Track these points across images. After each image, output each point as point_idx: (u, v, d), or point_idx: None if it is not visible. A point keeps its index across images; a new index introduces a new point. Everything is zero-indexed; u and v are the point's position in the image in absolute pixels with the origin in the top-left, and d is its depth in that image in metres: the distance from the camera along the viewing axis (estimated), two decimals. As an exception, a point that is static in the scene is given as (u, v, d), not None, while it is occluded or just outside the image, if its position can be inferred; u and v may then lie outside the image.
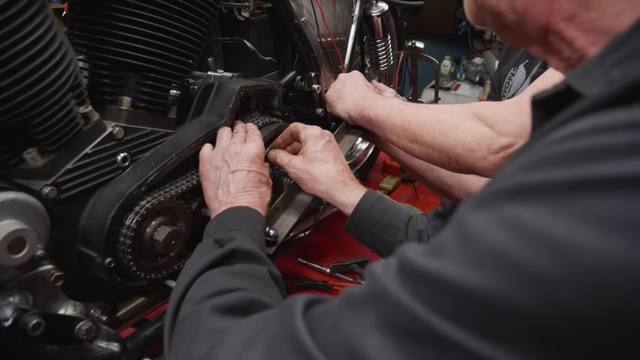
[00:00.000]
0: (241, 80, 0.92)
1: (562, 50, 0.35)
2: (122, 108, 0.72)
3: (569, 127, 0.27)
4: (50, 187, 0.63)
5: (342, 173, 0.81)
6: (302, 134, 0.85)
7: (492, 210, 0.27)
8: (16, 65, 0.55)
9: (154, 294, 0.81)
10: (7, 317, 0.57)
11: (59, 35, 0.61)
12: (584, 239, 0.23)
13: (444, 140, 0.85)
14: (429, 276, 0.28)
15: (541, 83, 0.80)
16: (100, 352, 0.67)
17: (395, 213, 0.78)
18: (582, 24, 0.32)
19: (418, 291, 0.28)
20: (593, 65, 0.30)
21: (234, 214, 0.69)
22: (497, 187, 0.28)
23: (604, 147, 0.24)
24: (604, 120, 0.25)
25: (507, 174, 0.28)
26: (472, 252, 0.27)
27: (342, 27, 1.27)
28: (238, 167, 0.75)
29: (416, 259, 0.29)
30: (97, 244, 0.68)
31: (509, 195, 0.27)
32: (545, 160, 0.26)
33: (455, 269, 0.27)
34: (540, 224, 0.24)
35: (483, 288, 0.25)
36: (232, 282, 0.52)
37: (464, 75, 3.64)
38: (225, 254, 0.57)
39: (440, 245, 0.29)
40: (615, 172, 0.23)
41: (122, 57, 0.70)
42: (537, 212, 0.25)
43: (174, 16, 0.72)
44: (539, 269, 0.24)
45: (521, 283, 0.24)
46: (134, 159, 0.73)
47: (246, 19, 0.98)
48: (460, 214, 0.29)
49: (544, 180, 0.25)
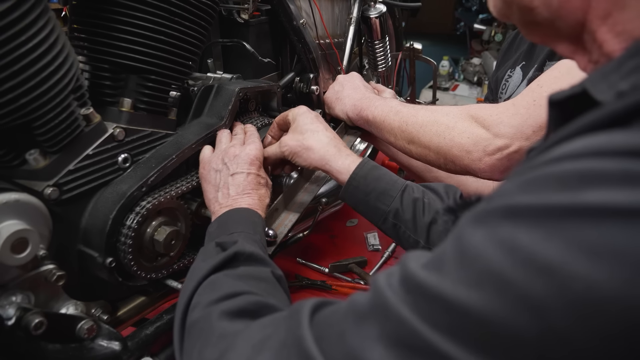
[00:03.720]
0: (240, 81, 0.93)
1: (593, 51, 0.34)
2: (123, 109, 0.73)
3: (567, 146, 0.27)
4: (52, 188, 0.64)
5: (335, 139, 0.81)
6: (290, 115, 0.85)
7: (489, 228, 0.28)
8: (19, 68, 0.56)
9: (154, 294, 0.82)
10: (10, 316, 0.58)
11: (60, 37, 0.61)
12: (575, 266, 0.24)
13: (440, 141, 0.86)
14: (429, 291, 0.29)
15: (538, 86, 0.81)
16: (102, 350, 0.67)
17: (391, 181, 0.77)
18: (614, 25, 0.31)
19: (418, 306, 0.29)
20: (610, 70, 0.29)
21: (235, 216, 0.70)
22: (496, 204, 0.28)
23: (596, 174, 0.25)
24: (600, 142, 0.26)
25: (507, 190, 0.29)
26: (469, 270, 0.27)
27: (340, 29, 1.28)
28: (237, 169, 0.75)
29: (417, 272, 0.30)
30: (98, 244, 0.69)
31: (505, 215, 0.27)
32: (541, 180, 0.27)
33: (453, 286, 0.28)
34: (534, 247, 0.25)
35: (479, 307, 0.26)
36: (238, 285, 0.53)
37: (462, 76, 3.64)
38: (228, 257, 0.58)
39: (441, 259, 0.30)
40: (606, 201, 0.24)
41: (122, 59, 0.71)
42: (531, 234, 0.26)
43: (174, 19, 0.73)
44: (532, 293, 0.25)
45: (515, 305, 0.25)
46: (135, 160, 0.74)
47: (245, 21, 0.99)
48: (460, 229, 0.30)
49: (538, 203, 0.26)
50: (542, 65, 0.95)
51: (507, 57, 1.15)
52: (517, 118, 0.79)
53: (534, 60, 1.00)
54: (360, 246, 1.39)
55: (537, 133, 0.79)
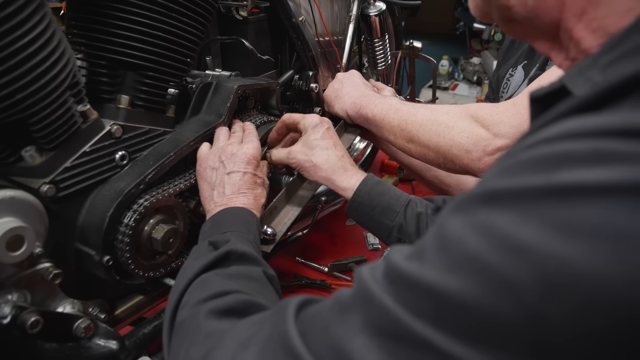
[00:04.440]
0: (239, 79, 0.92)
1: (570, 49, 0.35)
2: (120, 106, 0.72)
3: (542, 132, 0.28)
4: (48, 185, 0.63)
5: (343, 159, 0.82)
6: (301, 124, 0.85)
7: (467, 214, 0.28)
8: (14, 63, 0.55)
9: (152, 292, 0.81)
10: (5, 314, 0.57)
11: (57, 33, 0.61)
12: (549, 245, 0.24)
13: (439, 140, 0.85)
14: (410, 280, 0.29)
15: (539, 85, 0.80)
16: (99, 349, 0.67)
17: (394, 196, 0.78)
18: (590, 22, 0.32)
19: (400, 295, 0.29)
20: (587, 66, 0.30)
21: (229, 215, 0.70)
22: (475, 191, 0.29)
23: (569, 154, 0.25)
24: (572, 126, 0.26)
25: (486, 177, 0.29)
26: (448, 256, 0.28)
27: (340, 27, 1.27)
28: (234, 168, 0.75)
29: (399, 263, 0.30)
30: (95, 242, 0.68)
31: (483, 200, 0.28)
32: (517, 165, 0.27)
33: (433, 273, 0.28)
34: (510, 229, 0.25)
35: (458, 292, 0.26)
36: (228, 284, 0.53)
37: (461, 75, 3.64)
38: (220, 256, 0.58)
39: (422, 248, 0.30)
40: (578, 180, 0.24)
41: (120, 56, 0.71)
42: (506, 217, 0.26)
43: (172, 15, 0.73)
44: (508, 274, 0.25)
45: (493, 287, 0.25)
46: (132, 158, 0.73)
47: (244, 18, 0.98)
48: (441, 218, 0.30)
49: (513, 186, 0.26)
50: (543, 64, 0.94)
51: (508, 56, 1.15)
52: (517, 118, 0.79)
53: (535, 59, 1.00)
54: (360, 245, 1.39)
55: None
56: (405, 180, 1.74)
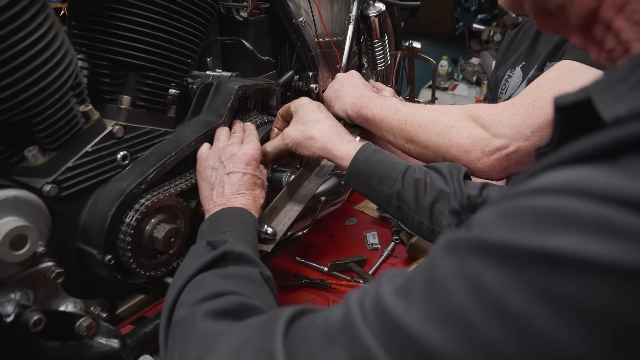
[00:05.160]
0: (239, 79, 0.93)
1: (606, 40, 0.33)
2: (122, 107, 0.73)
3: (550, 176, 0.26)
4: (51, 185, 0.64)
5: (336, 127, 0.82)
6: (292, 107, 0.86)
7: (460, 259, 0.27)
8: (18, 64, 0.56)
9: (153, 292, 0.82)
10: (8, 313, 0.58)
11: (59, 34, 0.61)
12: (539, 319, 0.23)
13: (439, 141, 0.86)
14: (395, 322, 0.29)
15: (537, 86, 0.81)
16: (101, 348, 0.67)
17: (392, 164, 0.76)
18: (632, 14, 0.30)
19: (384, 336, 0.29)
20: (619, 78, 0.27)
21: (227, 215, 0.70)
22: (472, 235, 0.27)
23: (571, 216, 0.24)
24: (581, 180, 0.24)
25: (485, 219, 0.28)
26: (435, 305, 0.27)
27: (339, 27, 1.28)
28: (234, 169, 0.75)
29: (387, 298, 0.30)
30: (97, 241, 0.69)
31: (477, 249, 0.26)
32: (517, 215, 0.26)
33: (418, 321, 0.28)
34: (500, 291, 0.24)
35: (441, 348, 0.26)
36: (224, 285, 0.53)
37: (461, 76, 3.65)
38: (217, 256, 0.58)
39: (411, 285, 0.30)
40: (576, 250, 0.23)
41: (121, 57, 0.71)
42: (498, 276, 0.25)
43: (173, 16, 0.73)
44: (494, 342, 0.24)
45: (476, 350, 0.25)
46: (134, 158, 0.74)
47: (244, 19, 0.99)
48: (434, 254, 0.30)
49: (510, 243, 0.25)
50: (542, 65, 0.95)
51: (507, 57, 1.15)
52: (516, 118, 0.79)
53: (534, 60, 1.00)
54: (360, 245, 1.39)
55: (536, 134, 0.79)
56: (404, 180, 1.74)
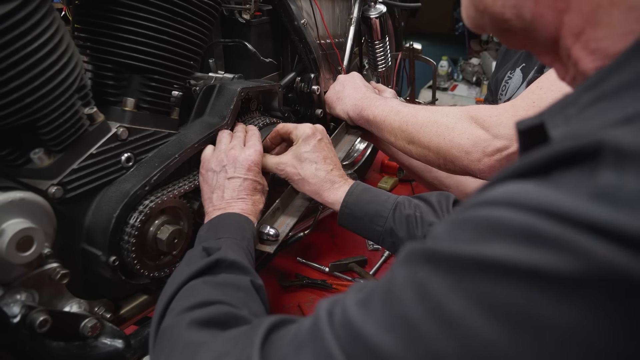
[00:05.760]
0: (242, 81, 0.93)
1: (569, 67, 0.33)
2: (126, 109, 0.73)
3: (492, 190, 0.28)
4: (56, 187, 0.64)
5: (331, 173, 0.81)
6: (293, 134, 0.84)
7: (412, 268, 0.29)
8: (25, 67, 0.56)
9: (156, 292, 0.82)
10: (15, 314, 0.58)
11: (65, 37, 0.62)
12: (475, 322, 0.25)
13: (440, 142, 0.86)
14: (355, 331, 0.31)
15: (537, 87, 0.82)
16: (105, 348, 0.68)
17: (381, 202, 0.77)
18: (588, 43, 0.30)
19: (346, 343, 0.31)
20: (569, 102, 0.29)
21: (225, 221, 0.71)
22: (425, 246, 0.29)
23: (503, 226, 0.25)
24: (514, 192, 0.26)
25: (439, 231, 0.30)
26: (388, 312, 0.29)
27: (341, 29, 1.29)
28: (235, 174, 0.76)
29: (350, 309, 0.32)
30: (101, 243, 0.69)
31: (427, 259, 0.28)
32: (462, 225, 0.28)
33: (373, 328, 0.30)
34: (442, 296, 0.26)
35: (391, 351, 0.28)
36: (213, 294, 0.53)
37: (461, 76, 3.65)
38: (210, 264, 0.58)
39: (371, 296, 0.32)
40: (506, 257, 0.24)
41: (125, 59, 0.72)
42: (442, 283, 0.27)
43: (176, 19, 0.74)
44: (436, 345, 0.26)
45: (422, 354, 0.27)
46: (138, 159, 0.75)
47: (247, 21, 0.99)
48: (393, 265, 0.32)
49: (452, 252, 0.27)
50: (542, 67, 0.96)
51: (507, 59, 1.16)
52: (516, 120, 0.80)
53: (534, 62, 1.01)
54: (360, 246, 1.40)
55: None
56: (405, 181, 1.75)
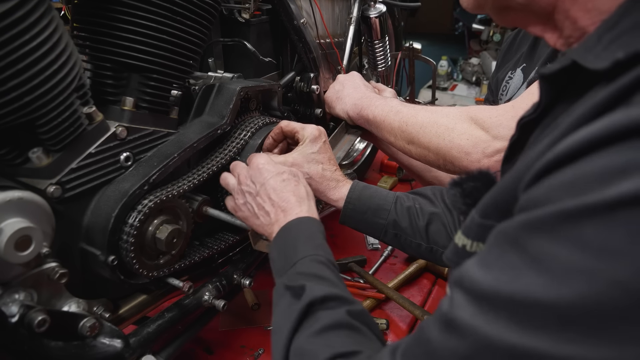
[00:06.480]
0: (241, 80, 0.93)
1: (565, 28, 0.38)
2: (125, 108, 0.73)
3: (592, 128, 0.29)
4: (55, 186, 0.64)
5: (336, 173, 0.86)
6: (300, 134, 0.86)
7: (552, 232, 0.30)
8: (23, 66, 0.56)
9: (155, 292, 0.82)
10: (13, 313, 0.58)
11: (64, 36, 0.61)
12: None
13: (440, 142, 0.86)
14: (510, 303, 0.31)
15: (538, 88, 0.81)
16: (104, 348, 0.68)
17: (382, 197, 0.82)
18: (586, 3, 0.35)
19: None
20: (592, 44, 0.33)
21: (289, 238, 0.66)
22: (549, 210, 0.30)
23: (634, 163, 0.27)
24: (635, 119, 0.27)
25: (552, 195, 0.31)
26: (553, 271, 0.30)
27: (340, 29, 1.29)
28: (259, 189, 0.73)
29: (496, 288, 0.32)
30: (100, 242, 0.69)
31: (564, 219, 0.29)
32: (582, 180, 0.29)
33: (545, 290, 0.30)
34: (601, 238, 0.28)
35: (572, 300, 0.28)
36: (322, 351, 0.49)
37: (460, 76, 3.65)
38: (303, 311, 0.54)
39: (518, 276, 0.31)
40: None
41: (124, 58, 0.71)
42: (595, 228, 0.28)
43: (175, 18, 0.73)
44: (616, 275, 0.27)
45: (607, 283, 0.27)
46: (137, 159, 0.74)
47: (246, 21, 0.99)
48: (511, 238, 0.32)
49: (589, 202, 0.28)
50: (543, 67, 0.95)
51: (507, 59, 1.16)
52: (516, 120, 0.80)
53: (534, 62, 1.01)
54: (360, 245, 1.40)
55: None
56: (404, 181, 1.75)
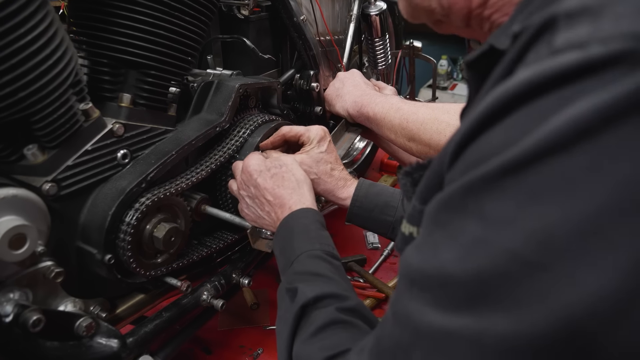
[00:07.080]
0: (240, 78, 0.92)
1: (484, 26, 0.42)
2: (122, 105, 0.72)
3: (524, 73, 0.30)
4: (50, 184, 0.63)
5: (343, 172, 0.86)
6: (305, 135, 0.86)
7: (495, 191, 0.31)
8: (18, 61, 0.55)
9: (153, 291, 0.81)
10: (7, 313, 0.57)
11: (59, 31, 0.61)
12: None
13: (441, 139, 0.86)
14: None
15: None
16: (100, 348, 0.67)
17: (389, 194, 0.82)
18: (493, 5, 0.40)
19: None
20: (506, 26, 0.36)
21: (286, 235, 0.69)
22: (491, 166, 0.31)
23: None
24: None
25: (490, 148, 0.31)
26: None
27: (340, 26, 1.28)
28: (254, 192, 0.77)
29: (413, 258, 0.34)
30: (97, 241, 0.68)
31: (504, 173, 0.30)
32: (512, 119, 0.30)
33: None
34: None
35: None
36: (316, 355, 0.49)
37: (460, 75, 3.65)
38: (298, 315, 0.55)
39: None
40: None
41: (122, 54, 0.70)
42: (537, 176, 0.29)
43: (174, 14, 0.73)
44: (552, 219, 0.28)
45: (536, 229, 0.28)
46: (134, 156, 0.73)
47: (245, 17, 0.98)
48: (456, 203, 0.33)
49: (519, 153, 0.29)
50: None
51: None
52: None
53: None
54: (360, 244, 1.39)
55: None
56: (404, 180, 1.74)
